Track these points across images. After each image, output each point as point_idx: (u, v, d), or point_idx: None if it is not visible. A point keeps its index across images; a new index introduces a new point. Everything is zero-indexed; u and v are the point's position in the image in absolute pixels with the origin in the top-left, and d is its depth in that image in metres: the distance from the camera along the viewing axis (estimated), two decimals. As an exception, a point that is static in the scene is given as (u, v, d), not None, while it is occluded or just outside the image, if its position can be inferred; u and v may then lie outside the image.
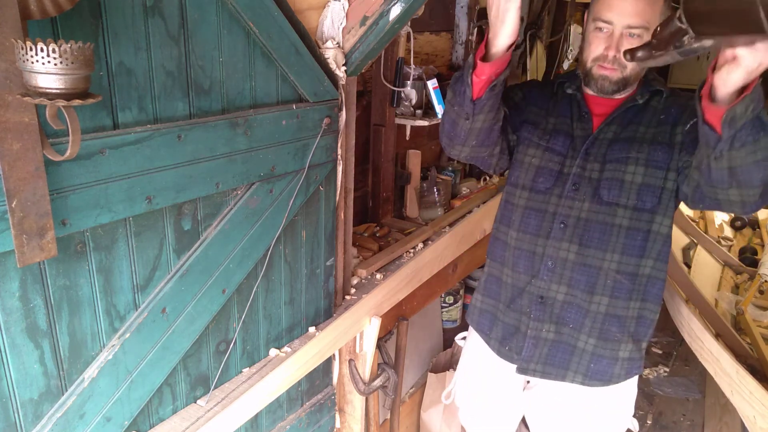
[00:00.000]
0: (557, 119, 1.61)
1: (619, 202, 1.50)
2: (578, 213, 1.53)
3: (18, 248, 0.99)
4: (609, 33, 1.42)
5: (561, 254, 1.55)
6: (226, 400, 1.50)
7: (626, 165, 1.49)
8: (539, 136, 1.60)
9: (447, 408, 2.60)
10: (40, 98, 0.86)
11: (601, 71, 1.46)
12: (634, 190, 1.48)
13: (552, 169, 1.57)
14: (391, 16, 1.57)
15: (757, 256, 3.40)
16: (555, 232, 1.55)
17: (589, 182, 1.52)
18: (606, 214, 1.51)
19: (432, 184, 2.64)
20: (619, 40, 1.41)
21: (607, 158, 1.51)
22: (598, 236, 1.52)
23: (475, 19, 2.92)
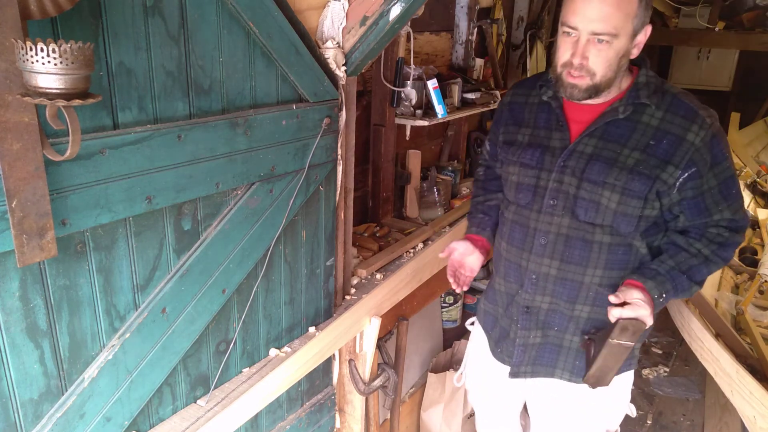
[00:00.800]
0: (533, 130, 1.58)
1: (595, 222, 1.47)
2: (557, 229, 1.51)
3: (18, 248, 0.99)
4: (576, 38, 1.37)
5: (543, 269, 1.55)
6: (226, 400, 1.50)
7: (602, 189, 1.44)
8: (513, 153, 1.59)
9: (447, 408, 2.60)
10: (40, 98, 0.86)
11: (569, 79, 1.40)
12: (609, 214, 1.45)
13: (528, 183, 1.55)
14: (391, 16, 1.57)
15: (757, 256, 3.40)
16: (536, 247, 1.54)
17: (566, 197, 1.48)
18: (585, 231, 1.48)
19: (432, 184, 2.64)
20: (585, 47, 1.35)
21: (584, 176, 1.46)
22: (578, 253, 1.50)
23: (475, 19, 2.92)
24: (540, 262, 1.54)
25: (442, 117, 2.41)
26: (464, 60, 2.97)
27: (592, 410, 1.68)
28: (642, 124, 1.43)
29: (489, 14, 3.10)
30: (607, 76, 1.38)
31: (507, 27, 3.32)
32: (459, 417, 2.61)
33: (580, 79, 1.39)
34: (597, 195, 1.44)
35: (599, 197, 1.44)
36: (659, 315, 1.58)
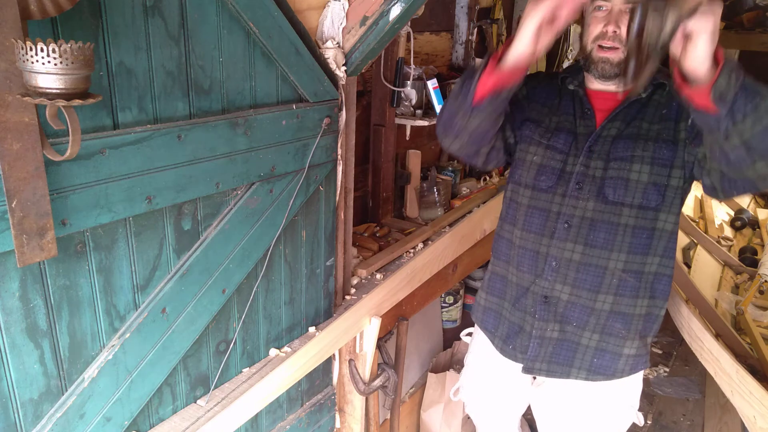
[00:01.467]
0: (560, 117, 1.58)
1: (624, 202, 1.47)
2: (582, 212, 1.51)
3: (18, 248, 0.99)
4: (608, 11, 1.39)
5: (565, 254, 1.54)
6: (226, 400, 1.50)
7: (631, 163, 1.46)
8: (540, 134, 1.58)
9: (447, 408, 2.60)
10: (40, 98, 0.86)
11: (601, 53, 1.42)
12: (639, 189, 1.46)
13: (554, 167, 1.55)
14: (391, 16, 1.57)
15: (757, 256, 3.40)
16: (559, 232, 1.53)
17: (593, 181, 1.50)
18: (611, 213, 1.49)
19: (432, 184, 2.64)
20: (618, 16, 1.37)
21: (611, 156, 1.48)
22: (603, 236, 1.50)
23: (475, 19, 2.92)
24: (563, 247, 1.53)
25: (442, 117, 2.40)
26: (464, 60, 2.97)
27: (602, 413, 1.67)
28: (653, 101, 1.48)
29: (489, 14, 3.09)
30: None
31: (507, 27, 3.32)
32: (459, 417, 2.61)
33: (612, 52, 1.40)
34: (626, 171, 1.46)
35: (628, 173, 1.46)
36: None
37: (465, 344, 2.87)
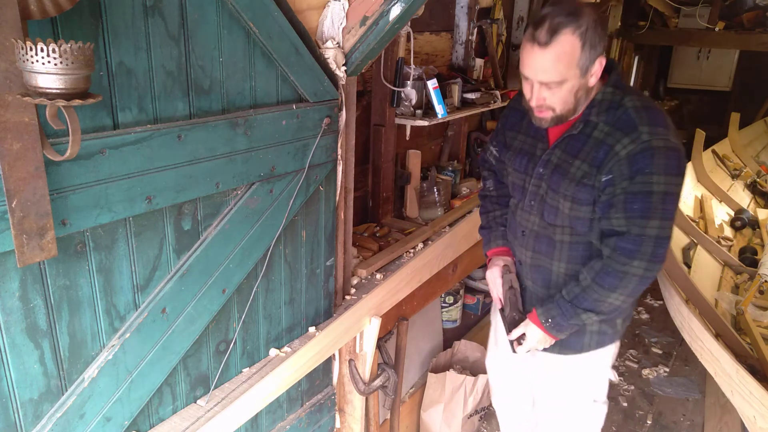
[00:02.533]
0: (525, 138, 1.75)
1: (556, 224, 1.67)
2: (532, 226, 1.74)
3: (18, 248, 0.99)
4: (531, 84, 1.53)
5: (523, 257, 1.80)
6: (226, 400, 1.50)
7: (559, 197, 1.63)
8: (509, 158, 1.79)
9: (447, 408, 2.60)
10: (40, 98, 0.86)
11: (536, 113, 1.58)
12: (567, 218, 1.64)
13: (518, 185, 1.77)
14: (391, 16, 1.57)
15: (757, 256, 3.40)
16: (519, 239, 1.81)
17: (540, 200, 1.69)
18: (550, 230, 1.69)
19: (432, 184, 2.64)
20: (539, 91, 1.52)
21: (549, 183, 1.65)
22: (545, 248, 1.72)
23: (475, 19, 2.92)
24: (521, 251, 1.81)
25: (442, 117, 2.40)
26: (464, 60, 2.97)
27: (578, 381, 1.87)
28: (592, 138, 1.57)
29: (489, 14, 3.09)
30: (567, 108, 1.54)
31: (507, 27, 3.31)
32: (459, 417, 2.61)
33: (545, 113, 1.56)
34: (556, 201, 1.64)
35: (557, 203, 1.64)
36: (659, 315, 1.61)
37: (465, 344, 2.88)
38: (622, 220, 1.52)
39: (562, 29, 1.41)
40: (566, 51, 1.43)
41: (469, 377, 2.60)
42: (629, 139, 1.49)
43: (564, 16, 1.42)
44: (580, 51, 1.44)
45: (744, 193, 4.48)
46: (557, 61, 1.44)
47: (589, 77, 1.50)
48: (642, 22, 5.63)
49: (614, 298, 1.58)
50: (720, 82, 6.83)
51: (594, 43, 1.45)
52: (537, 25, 1.44)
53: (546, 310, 1.68)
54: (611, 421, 2.94)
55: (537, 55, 1.45)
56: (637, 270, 1.53)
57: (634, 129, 1.49)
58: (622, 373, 3.33)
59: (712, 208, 3.95)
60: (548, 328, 1.68)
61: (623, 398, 3.12)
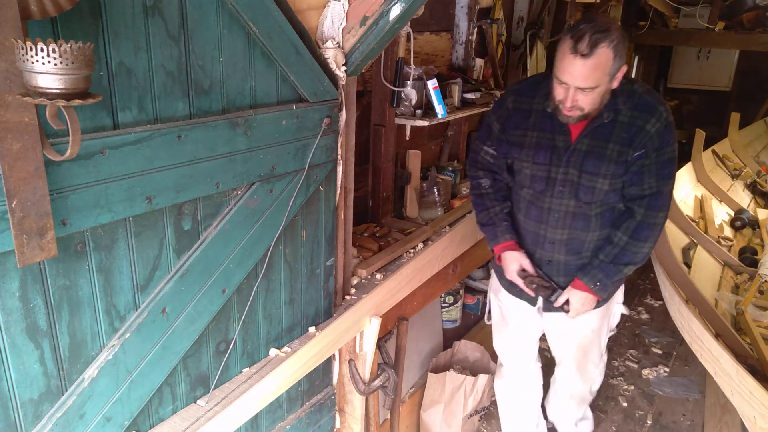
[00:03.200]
0: (539, 133, 1.96)
1: (593, 202, 1.94)
2: (566, 208, 1.98)
3: (18, 248, 0.99)
4: (567, 88, 1.76)
5: (557, 236, 2.03)
6: (226, 400, 1.50)
7: (597, 177, 1.90)
8: (525, 153, 1.99)
9: (447, 408, 2.60)
10: (40, 98, 0.86)
11: (565, 112, 1.81)
12: (602, 193, 1.92)
13: (542, 176, 1.98)
14: (391, 16, 1.57)
15: (757, 256, 3.40)
16: (551, 221, 2.02)
17: (571, 185, 1.94)
18: (585, 208, 1.96)
19: (432, 184, 2.64)
20: (574, 94, 1.75)
21: (583, 169, 1.91)
22: (581, 224, 1.99)
23: (475, 19, 2.92)
24: (554, 232, 2.02)
25: (442, 117, 2.40)
26: (464, 60, 2.97)
27: (602, 325, 2.20)
28: (619, 122, 1.86)
29: (489, 14, 3.09)
30: (594, 107, 1.80)
31: (507, 27, 3.32)
32: (459, 417, 2.61)
33: (573, 112, 1.80)
34: (593, 182, 1.91)
35: (595, 183, 1.91)
36: (659, 315, 1.62)
37: (465, 344, 2.88)
38: (653, 182, 1.86)
39: (600, 43, 1.65)
40: (602, 62, 1.68)
41: (469, 377, 2.60)
42: (655, 119, 1.81)
43: (601, 32, 1.65)
44: (612, 61, 1.69)
45: (744, 193, 4.48)
46: (595, 70, 1.68)
47: (614, 81, 1.77)
48: (642, 22, 5.63)
49: (647, 247, 1.93)
50: (720, 82, 6.82)
51: (621, 54, 1.71)
52: (578, 39, 1.66)
53: (591, 276, 1.98)
54: (611, 421, 2.94)
55: (578, 65, 1.68)
56: (661, 219, 1.91)
57: (655, 110, 1.82)
58: (622, 373, 3.33)
59: (712, 208, 3.95)
60: (596, 290, 1.98)
61: (623, 398, 3.12)
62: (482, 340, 3.15)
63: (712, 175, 4.36)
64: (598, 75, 1.69)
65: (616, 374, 3.32)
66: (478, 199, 2.16)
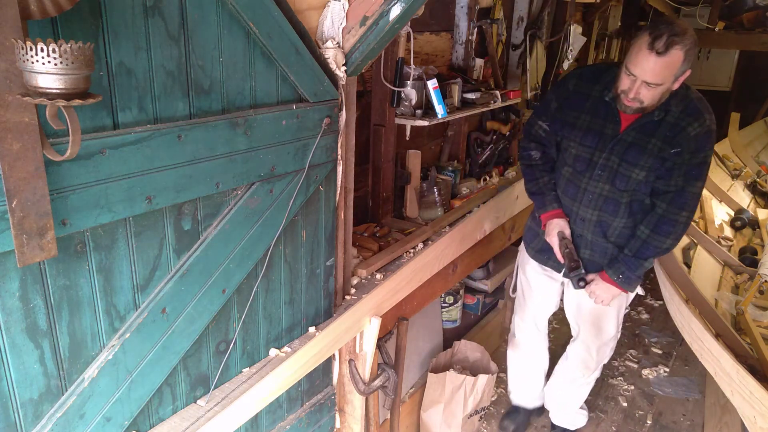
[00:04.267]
0: (592, 118, 2.11)
1: (626, 189, 2.09)
2: (600, 191, 2.14)
3: (18, 248, 0.99)
4: (634, 80, 1.88)
5: (588, 215, 2.20)
6: (226, 400, 1.50)
7: (635, 167, 2.04)
8: (576, 135, 2.16)
9: (447, 408, 2.60)
10: (40, 98, 0.86)
11: (625, 101, 1.94)
12: (636, 183, 2.06)
13: (585, 157, 2.15)
14: (391, 16, 1.57)
15: (757, 256, 3.39)
16: (584, 201, 2.19)
17: (609, 171, 2.09)
18: (617, 195, 2.11)
19: (432, 184, 2.64)
20: (639, 87, 1.88)
21: (623, 157, 2.05)
22: (611, 208, 2.15)
23: (475, 19, 2.92)
24: (586, 211, 2.20)
25: (442, 117, 2.40)
26: (464, 60, 2.97)
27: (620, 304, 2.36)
28: (666, 122, 1.99)
29: (489, 14, 3.09)
30: (653, 104, 1.93)
31: (507, 27, 3.31)
32: (459, 417, 2.61)
33: (633, 104, 1.93)
34: (630, 171, 2.06)
35: (631, 173, 2.05)
36: (659, 315, 1.61)
37: (465, 344, 2.88)
38: (680, 181, 2.00)
39: (675, 44, 1.78)
40: (673, 62, 1.80)
41: (469, 377, 2.60)
42: (698, 123, 1.95)
43: (678, 35, 1.78)
44: (681, 63, 1.82)
45: (744, 193, 4.48)
46: (665, 68, 1.81)
47: (676, 83, 1.89)
48: (642, 22, 5.62)
49: (669, 243, 2.07)
50: (720, 82, 6.82)
51: (690, 59, 1.84)
52: (656, 37, 1.79)
53: (615, 269, 2.15)
54: (611, 421, 2.94)
55: (651, 61, 1.80)
56: (684, 218, 2.04)
57: (700, 115, 1.95)
58: (622, 373, 3.33)
59: (712, 208, 3.95)
60: (620, 282, 2.15)
61: (623, 398, 3.12)
62: (482, 340, 3.15)
63: (712, 175, 4.36)
64: (666, 74, 1.82)
65: (616, 374, 3.32)
66: (527, 170, 2.36)
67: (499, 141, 3.29)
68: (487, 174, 3.19)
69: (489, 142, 3.23)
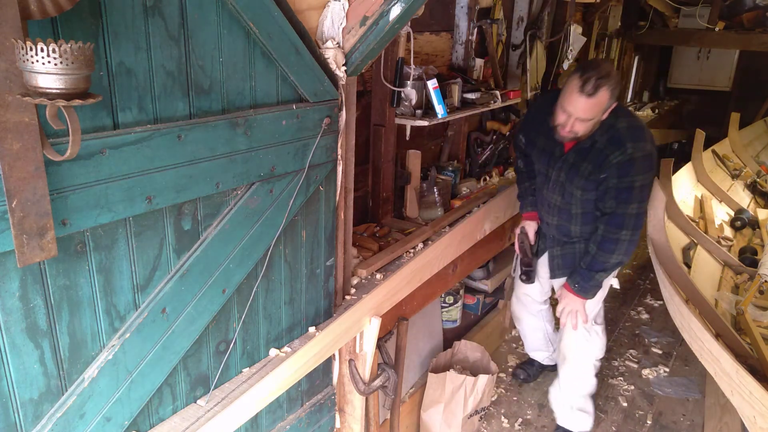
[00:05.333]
0: (545, 139, 2.41)
1: (572, 203, 2.41)
2: (555, 202, 2.47)
3: (18, 248, 0.99)
4: (568, 116, 2.16)
5: (550, 220, 2.55)
6: (226, 400, 1.50)
7: (575, 186, 2.35)
8: (536, 152, 2.51)
9: (447, 408, 2.60)
10: (40, 98, 0.86)
11: (562, 133, 2.23)
12: (578, 200, 2.38)
13: (543, 172, 2.50)
14: (391, 16, 1.57)
15: (757, 256, 3.39)
16: (545, 208, 2.55)
17: (560, 186, 2.42)
18: (568, 206, 2.43)
19: (432, 184, 2.64)
20: (573, 122, 2.17)
21: (567, 176, 2.37)
22: (566, 216, 2.47)
23: (475, 19, 2.92)
24: (548, 217, 2.54)
25: (442, 117, 2.41)
26: (464, 60, 2.97)
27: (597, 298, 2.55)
28: (595, 149, 2.27)
29: (489, 14, 3.09)
30: (586, 133, 2.22)
31: (507, 27, 3.31)
32: (459, 417, 2.61)
33: (569, 135, 2.22)
34: (572, 189, 2.37)
35: (573, 190, 2.37)
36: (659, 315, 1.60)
37: (465, 344, 2.88)
38: (613, 203, 2.26)
39: (602, 86, 2.06)
40: (601, 101, 2.09)
41: (469, 377, 2.59)
42: (619, 152, 2.19)
43: (604, 78, 2.07)
44: (607, 100, 2.11)
45: (744, 193, 4.48)
46: (594, 106, 2.10)
47: (604, 114, 2.17)
48: (642, 22, 5.63)
49: (615, 258, 2.30)
50: (720, 82, 6.83)
51: (615, 94, 2.13)
52: (585, 80, 2.07)
53: (572, 280, 2.43)
54: (611, 421, 2.94)
55: (582, 101, 2.09)
56: (625, 236, 2.26)
57: (622, 145, 2.19)
58: (622, 373, 3.33)
59: (712, 208, 3.95)
60: (577, 291, 2.41)
61: (623, 398, 3.12)
62: (482, 340, 3.15)
63: (712, 175, 4.37)
64: (596, 110, 2.12)
65: (616, 374, 3.32)
66: (516, 174, 2.76)
67: (499, 141, 3.30)
68: (487, 174, 3.19)
69: (489, 142, 3.23)
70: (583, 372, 2.66)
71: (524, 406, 3.03)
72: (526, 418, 2.94)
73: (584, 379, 2.67)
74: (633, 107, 6.28)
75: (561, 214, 2.46)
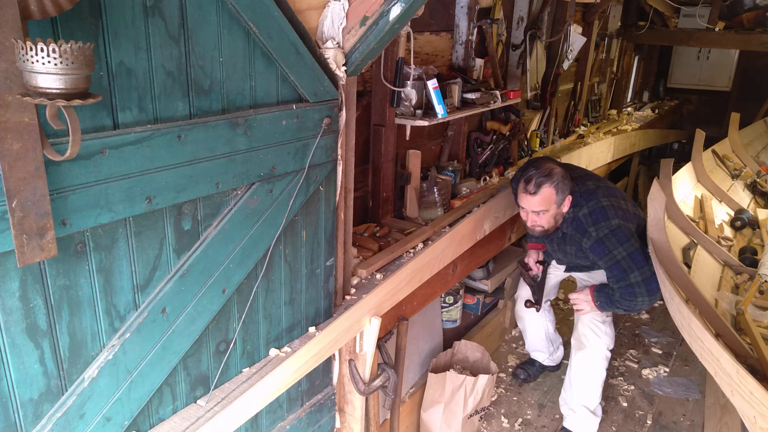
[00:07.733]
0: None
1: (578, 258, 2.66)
2: (562, 257, 2.75)
3: (18, 248, 0.99)
4: (526, 211, 2.45)
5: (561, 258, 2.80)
6: (226, 400, 1.50)
7: (571, 256, 2.64)
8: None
9: (447, 408, 2.60)
10: (40, 98, 0.86)
11: (529, 226, 2.49)
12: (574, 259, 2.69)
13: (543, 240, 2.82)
14: (391, 16, 1.57)
15: (757, 256, 3.39)
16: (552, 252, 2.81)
17: (562, 252, 2.70)
18: (575, 259, 2.68)
19: (432, 184, 2.64)
20: (532, 216, 2.43)
21: (560, 249, 2.66)
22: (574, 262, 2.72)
23: (475, 19, 2.92)
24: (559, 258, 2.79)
25: (442, 117, 2.40)
26: (464, 60, 2.97)
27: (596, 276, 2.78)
28: (568, 236, 2.53)
29: (489, 14, 3.09)
30: (551, 225, 2.46)
31: (507, 27, 3.31)
32: (459, 417, 2.61)
33: (536, 228, 2.47)
34: (571, 256, 2.67)
35: (572, 258, 2.69)
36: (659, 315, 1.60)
37: (465, 344, 2.88)
38: (613, 280, 2.44)
39: (544, 184, 2.33)
40: (546, 196, 2.34)
41: (469, 377, 2.60)
42: (586, 238, 2.43)
43: (545, 176, 2.33)
44: (555, 195, 2.35)
45: (744, 193, 4.48)
46: (541, 201, 2.36)
47: (562, 208, 2.41)
48: (642, 22, 5.63)
49: (637, 309, 2.48)
50: (720, 82, 6.82)
51: (563, 189, 2.37)
52: (527, 181, 2.35)
53: (598, 295, 2.55)
54: (611, 421, 2.94)
55: (529, 198, 2.37)
56: (642, 301, 2.41)
57: (585, 231, 2.42)
58: (622, 373, 3.33)
59: (712, 208, 3.95)
60: (598, 305, 2.57)
61: (623, 398, 3.12)
62: (482, 340, 3.15)
63: (712, 175, 4.36)
64: (545, 204, 2.36)
65: (616, 374, 3.32)
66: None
67: (499, 141, 3.29)
68: (487, 174, 3.19)
69: (489, 142, 3.23)
70: (596, 361, 2.69)
71: (524, 406, 3.03)
72: (526, 418, 2.94)
73: (595, 369, 2.70)
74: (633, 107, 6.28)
75: (570, 260, 2.70)
